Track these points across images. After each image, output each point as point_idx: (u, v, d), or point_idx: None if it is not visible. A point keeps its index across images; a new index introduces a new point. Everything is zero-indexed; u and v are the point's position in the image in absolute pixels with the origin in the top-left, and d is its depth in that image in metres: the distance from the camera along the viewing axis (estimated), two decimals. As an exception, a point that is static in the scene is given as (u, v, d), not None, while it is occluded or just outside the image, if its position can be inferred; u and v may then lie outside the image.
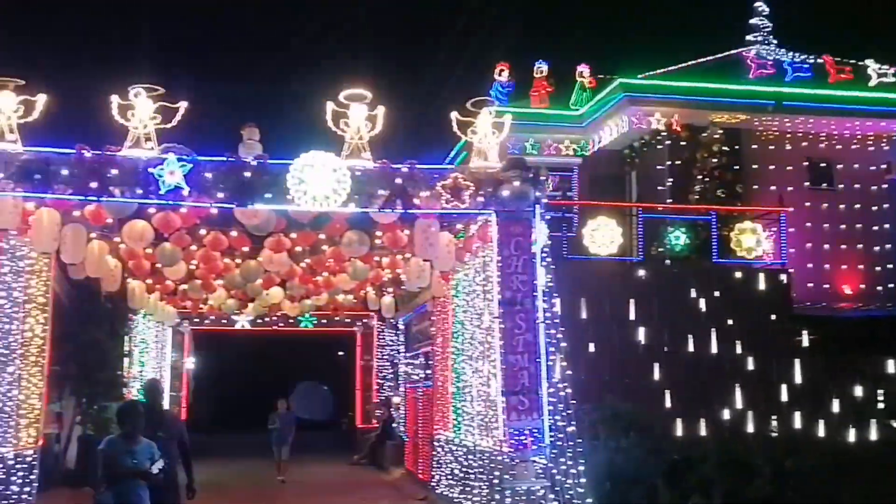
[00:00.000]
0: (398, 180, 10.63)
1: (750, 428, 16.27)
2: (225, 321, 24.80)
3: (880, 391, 17.20)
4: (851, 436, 11.79)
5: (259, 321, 24.36)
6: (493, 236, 11.09)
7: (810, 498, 7.09)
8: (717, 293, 18.14)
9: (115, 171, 10.22)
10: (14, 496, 11.96)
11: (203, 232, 12.81)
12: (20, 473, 12.24)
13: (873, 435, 12.34)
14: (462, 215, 11.91)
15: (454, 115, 11.22)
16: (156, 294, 18.50)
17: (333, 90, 10.85)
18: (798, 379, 17.65)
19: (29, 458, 12.65)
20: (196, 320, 25.50)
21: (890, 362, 17.62)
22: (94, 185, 10.19)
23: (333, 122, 10.67)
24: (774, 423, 15.38)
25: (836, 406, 16.08)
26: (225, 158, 10.46)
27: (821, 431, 14.07)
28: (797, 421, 16.02)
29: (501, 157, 11.85)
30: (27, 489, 12.46)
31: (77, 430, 18.25)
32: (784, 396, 17.09)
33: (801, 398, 16.69)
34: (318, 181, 10.20)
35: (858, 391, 16.93)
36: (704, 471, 8.32)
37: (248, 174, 10.36)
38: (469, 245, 13.39)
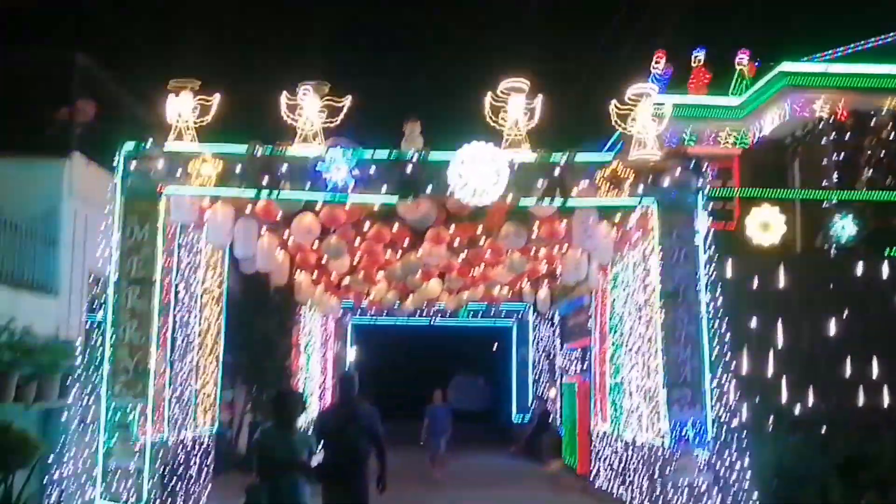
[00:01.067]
0: (556, 171, 10.66)
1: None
2: (384, 313, 25.37)
3: None
4: None
5: (417, 314, 24.78)
6: (653, 227, 10.98)
7: None
8: (889, 286, 17.33)
9: (284, 168, 10.66)
10: (192, 477, 12.65)
11: (367, 226, 13.21)
12: (197, 456, 12.93)
13: None
14: (621, 206, 11.85)
15: (613, 104, 11.16)
16: (321, 287, 19.14)
17: (492, 81, 10.96)
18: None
19: (205, 443, 13.36)
20: (358, 313, 26.24)
21: None
22: (265, 181, 10.67)
23: (492, 114, 10.79)
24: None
25: None
26: (388, 153, 10.75)
27: None
28: None
29: (659, 147, 11.71)
30: (204, 472, 13.18)
31: (248, 417, 19.12)
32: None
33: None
34: (478, 174, 10.35)
35: None
36: (880, 468, 8.03)
37: (409, 168, 10.61)
38: (628, 237, 13.30)
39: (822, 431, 8.93)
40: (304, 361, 21.29)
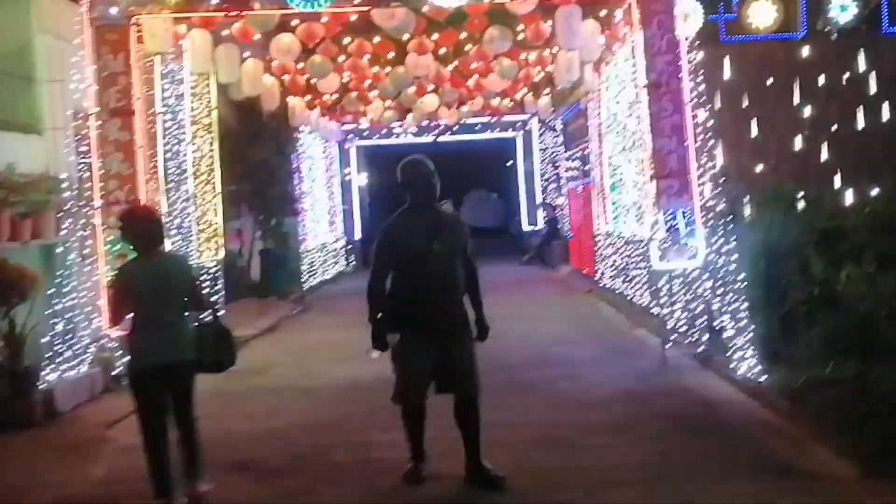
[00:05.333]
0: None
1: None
2: (387, 135, 25.31)
3: None
4: None
5: (420, 132, 24.69)
6: (634, 18, 10.73)
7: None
8: (886, 64, 16.98)
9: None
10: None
11: (347, 41, 13.02)
12: (205, 284, 13.23)
13: None
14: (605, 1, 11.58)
15: None
16: (316, 110, 19.06)
17: None
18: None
19: (213, 270, 13.65)
20: (361, 135, 26.19)
21: None
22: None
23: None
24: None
25: None
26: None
27: None
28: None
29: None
30: (214, 298, 13.52)
31: (258, 244, 19.46)
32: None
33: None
34: (450, -25, 10.09)
35: None
36: (856, 238, 8.13)
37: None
38: (615, 33, 13.04)
39: (803, 209, 8.99)
40: (308, 187, 21.45)
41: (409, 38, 12.66)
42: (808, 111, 16.21)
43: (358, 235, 28.08)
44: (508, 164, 32.45)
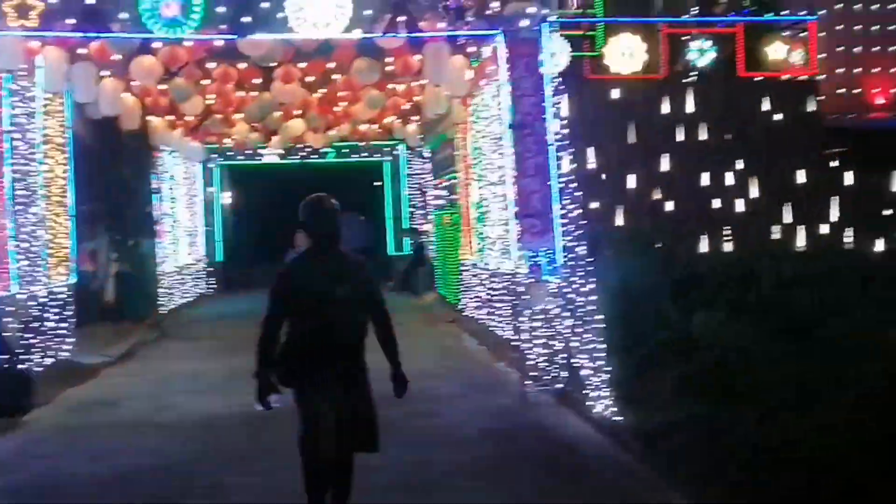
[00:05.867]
0: (400, 2, 10.36)
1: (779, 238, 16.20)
2: (254, 155, 24.89)
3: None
4: (868, 247, 11.75)
5: (287, 154, 24.38)
6: (501, 58, 10.86)
7: (808, 302, 7.19)
8: (744, 107, 17.81)
9: (114, 6, 10.10)
10: (50, 331, 12.43)
11: (213, 65, 12.72)
12: (55, 310, 12.67)
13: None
14: (472, 37, 11.67)
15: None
16: (179, 130, 18.57)
17: None
18: (823, 191, 17.51)
19: (62, 295, 13.07)
20: (226, 156, 25.65)
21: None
22: (95, 22, 10.09)
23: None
24: (801, 234, 15.31)
25: (855, 217, 16.01)
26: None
27: (842, 241, 14.03)
28: (822, 230, 15.96)
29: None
30: (63, 325, 12.94)
31: (113, 266, 18.75)
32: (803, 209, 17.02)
33: (823, 210, 16.61)
34: (318, 7, 9.96)
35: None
36: (709, 286, 8.41)
37: (247, 3, 10.16)
38: (484, 69, 13.17)
39: (661, 255, 9.25)
40: (169, 208, 20.86)
41: (276, 66, 12.47)
42: (666, 159, 16.79)
43: (220, 257, 27.48)
44: (376, 184, 32.41)
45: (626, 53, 18.23)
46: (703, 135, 17.16)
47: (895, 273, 6.87)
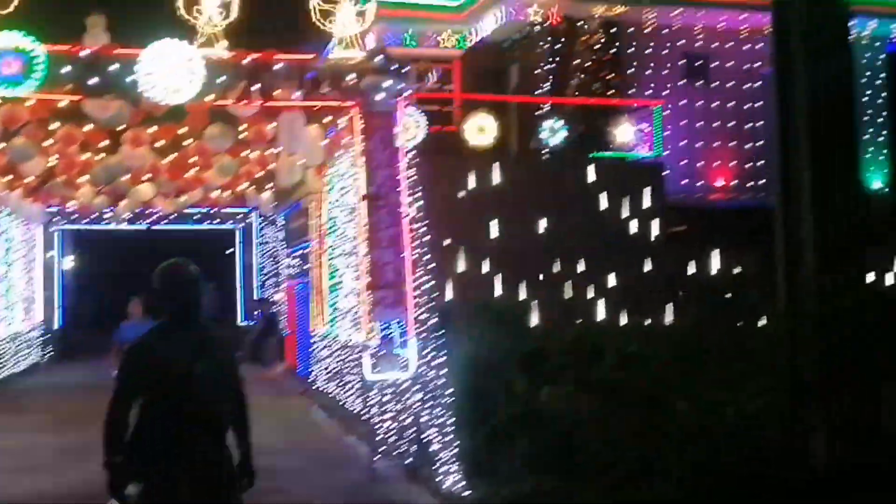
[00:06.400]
0: (254, 70, 10.25)
1: (623, 317, 16.74)
2: (100, 220, 24.00)
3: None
4: (708, 324, 12.23)
5: (136, 219, 23.64)
6: (356, 129, 10.88)
7: (648, 380, 7.39)
8: (592, 185, 18.39)
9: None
10: None
11: (56, 125, 12.23)
12: None
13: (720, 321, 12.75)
14: (329, 108, 11.65)
15: (315, 2, 10.84)
16: (18, 191, 17.73)
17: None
18: (666, 269, 18.18)
19: None
20: (70, 219, 24.65)
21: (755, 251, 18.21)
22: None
23: (186, 9, 10.20)
24: (647, 313, 15.79)
25: (698, 295, 16.66)
26: (69, 48, 9.91)
27: (672, 319, 14.55)
28: (665, 310, 16.52)
29: (375, 48, 11.57)
30: None
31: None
32: (651, 285, 17.61)
33: (668, 287, 17.23)
34: (170, 72, 9.76)
35: (721, 279, 17.55)
36: (556, 360, 8.55)
37: (95, 65, 9.85)
38: (339, 139, 13.17)
39: (516, 328, 9.36)
40: (2, 271, 19.85)
41: (124, 129, 12.10)
42: (518, 226, 17.14)
43: (58, 324, 26.26)
44: (228, 251, 31.83)
45: (480, 129, 18.72)
46: (551, 211, 17.60)
47: (731, 352, 7.14)
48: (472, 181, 17.39)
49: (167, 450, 4.86)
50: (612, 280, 17.61)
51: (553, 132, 19.89)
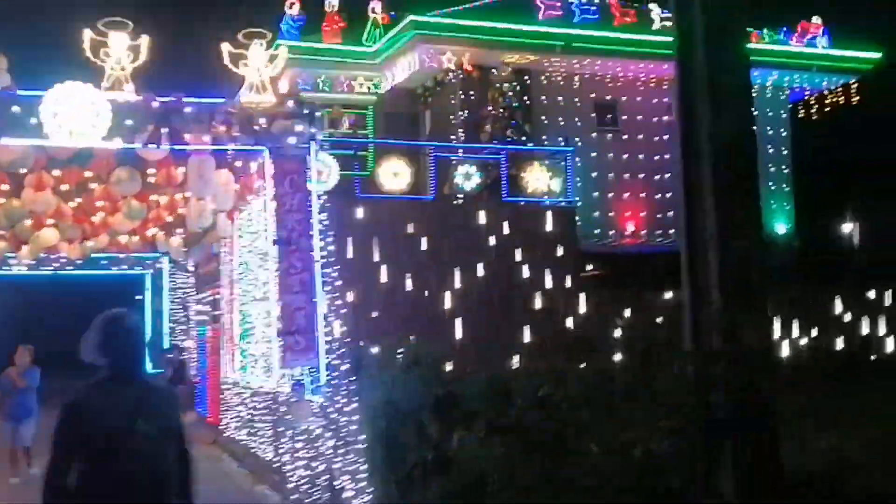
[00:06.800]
0: (163, 114, 10.13)
1: (534, 359, 16.85)
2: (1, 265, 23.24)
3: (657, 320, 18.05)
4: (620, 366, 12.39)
5: (39, 265, 22.94)
6: (267, 174, 10.81)
7: (560, 422, 7.43)
8: (506, 231, 18.58)
9: None
10: None
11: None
12: None
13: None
14: (240, 153, 11.54)
15: (226, 46, 10.79)
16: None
17: (93, 18, 10.20)
18: (581, 311, 18.42)
19: None
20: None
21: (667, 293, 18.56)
22: None
23: (92, 52, 10.04)
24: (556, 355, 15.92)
25: (614, 337, 16.91)
26: (-32, 89, 9.68)
27: (592, 361, 14.69)
28: (577, 351, 16.68)
29: (287, 92, 11.56)
30: None
31: None
32: (567, 327, 17.81)
33: (583, 330, 17.43)
34: (75, 114, 9.56)
35: (635, 321, 17.83)
36: (469, 404, 8.54)
37: (-4, 106, 9.61)
38: (250, 183, 13.04)
39: (429, 372, 9.33)
40: None
41: (27, 172, 11.78)
42: (434, 268, 17.19)
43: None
44: (137, 298, 31.09)
45: (395, 173, 18.81)
46: (465, 255, 17.72)
47: (637, 393, 7.22)
48: (385, 226, 17.39)
49: None
50: (526, 327, 17.76)
51: (467, 177, 20.08)
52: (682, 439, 6.40)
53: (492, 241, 18.39)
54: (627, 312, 19.00)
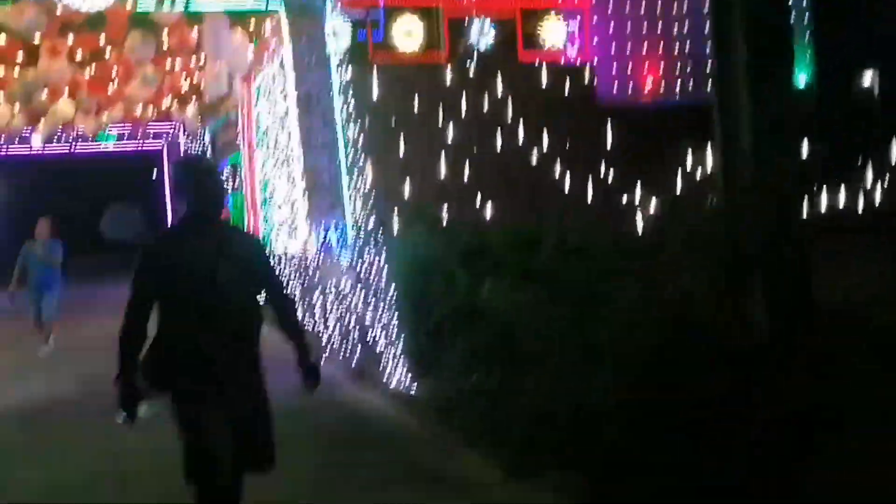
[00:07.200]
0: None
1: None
2: (17, 142, 23.23)
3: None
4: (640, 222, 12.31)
5: (55, 140, 22.92)
6: (284, 32, 10.66)
7: (587, 271, 7.49)
8: (522, 89, 18.28)
9: None
10: None
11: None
12: None
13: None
14: (253, 12, 11.39)
15: None
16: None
17: None
18: (602, 169, 18.28)
19: None
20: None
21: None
22: None
23: None
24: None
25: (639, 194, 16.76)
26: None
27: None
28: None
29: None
30: None
31: None
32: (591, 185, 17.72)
33: (605, 187, 17.37)
34: (87, -25, 9.41)
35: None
36: (495, 253, 8.58)
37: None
38: (265, 46, 12.90)
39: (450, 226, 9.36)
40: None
41: (42, 40, 11.67)
42: (450, 132, 17.01)
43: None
44: (153, 174, 31.22)
45: (408, 33, 18.41)
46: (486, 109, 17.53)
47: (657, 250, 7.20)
48: (400, 87, 17.15)
49: (190, 362, 4.42)
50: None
51: (480, 34, 19.64)
52: (713, 276, 6.46)
53: (508, 100, 18.11)
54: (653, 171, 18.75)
